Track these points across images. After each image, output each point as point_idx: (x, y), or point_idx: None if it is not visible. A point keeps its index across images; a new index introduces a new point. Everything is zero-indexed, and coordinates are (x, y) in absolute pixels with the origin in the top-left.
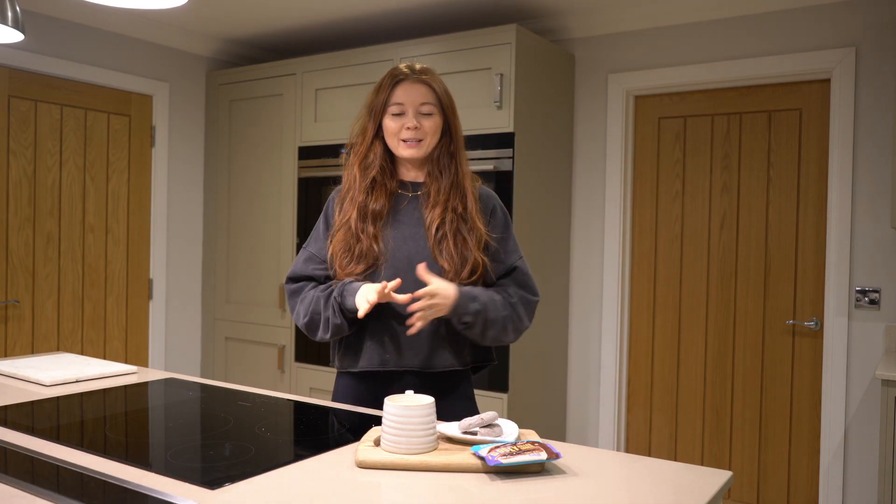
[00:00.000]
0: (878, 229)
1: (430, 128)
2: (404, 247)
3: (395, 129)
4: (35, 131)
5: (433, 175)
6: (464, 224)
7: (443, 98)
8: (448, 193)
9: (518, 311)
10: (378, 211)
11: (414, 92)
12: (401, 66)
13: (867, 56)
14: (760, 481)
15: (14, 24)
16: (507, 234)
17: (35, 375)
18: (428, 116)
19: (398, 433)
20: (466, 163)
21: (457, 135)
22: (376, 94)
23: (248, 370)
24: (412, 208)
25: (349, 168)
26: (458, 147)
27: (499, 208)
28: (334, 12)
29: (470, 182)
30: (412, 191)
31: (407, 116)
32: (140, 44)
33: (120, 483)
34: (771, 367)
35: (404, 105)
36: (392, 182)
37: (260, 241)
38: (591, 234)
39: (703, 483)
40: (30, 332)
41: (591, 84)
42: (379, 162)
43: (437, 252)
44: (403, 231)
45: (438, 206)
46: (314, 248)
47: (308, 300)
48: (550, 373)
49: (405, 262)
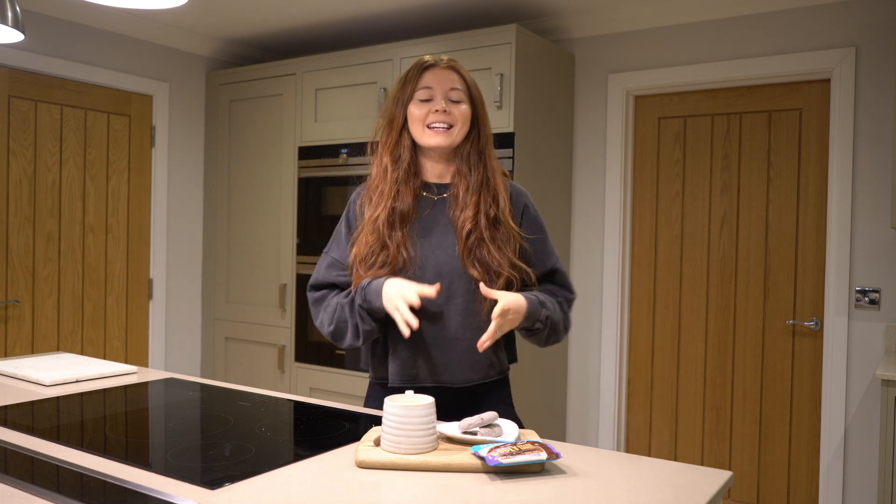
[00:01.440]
0: (878, 229)
1: (459, 115)
2: (432, 256)
3: (422, 115)
4: (35, 131)
5: (461, 173)
6: (497, 229)
7: (472, 88)
8: (478, 194)
9: (566, 311)
10: (405, 212)
11: (443, 77)
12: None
13: (867, 56)
14: (760, 481)
15: (14, 24)
16: (543, 233)
17: (35, 375)
18: (457, 104)
19: (398, 433)
20: (496, 159)
21: (485, 129)
22: (403, 84)
23: (248, 370)
24: (438, 213)
25: (377, 159)
26: (487, 143)
27: (531, 206)
28: (334, 12)
29: (501, 179)
30: (437, 193)
31: (436, 101)
32: (140, 44)
33: (120, 483)
34: (771, 367)
35: (433, 90)
36: (416, 181)
37: (260, 241)
38: (591, 234)
39: (703, 483)
40: (30, 332)
41: (591, 84)
42: (408, 154)
43: (467, 262)
44: (430, 239)
45: (469, 207)
46: (336, 254)
47: (332, 308)
48: (550, 373)
49: (432, 273)
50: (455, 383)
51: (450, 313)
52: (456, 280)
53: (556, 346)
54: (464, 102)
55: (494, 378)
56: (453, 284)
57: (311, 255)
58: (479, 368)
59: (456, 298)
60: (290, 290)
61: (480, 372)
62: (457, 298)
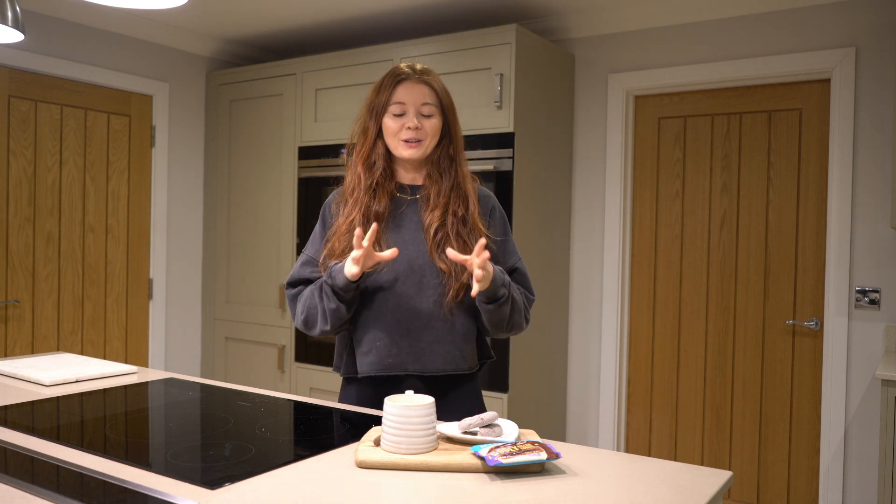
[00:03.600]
0: (878, 229)
1: (430, 129)
2: (405, 251)
3: (396, 128)
4: (35, 131)
5: (433, 177)
6: (464, 227)
7: (443, 99)
8: (448, 196)
9: (525, 305)
10: (380, 213)
11: (416, 92)
12: (401, 65)
13: (867, 56)
14: (760, 481)
15: (14, 24)
16: (506, 235)
17: (35, 375)
18: (428, 118)
19: (398, 433)
20: (466, 164)
21: (456, 137)
22: (377, 93)
23: (248, 370)
24: (411, 212)
25: (351, 168)
26: (458, 149)
27: (497, 209)
28: (334, 12)
29: (471, 184)
30: (411, 194)
31: (408, 116)
32: (140, 44)
33: (120, 483)
34: (771, 367)
35: (406, 105)
36: (391, 184)
37: (260, 241)
38: (591, 234)
39: (703, 483)
40: (30, 332)
41: (591, 84)
42: (382, 163)
43: (435, 256)
44: (403, 235)
45: (438, 208)
46: (311, 252)
47: (304, 297)
48: (550, 373)
49: (405, 267)
50: (426, 372)
51: (421, 305)
52: (427, 273)
53: (557, 345)
54: (434, 116)
55: (465, 371)
56: (424, 277)
57: None
58: (451, 360)
59: (427, 290)
60: None
61: (451, 363)
62: (428, 290)
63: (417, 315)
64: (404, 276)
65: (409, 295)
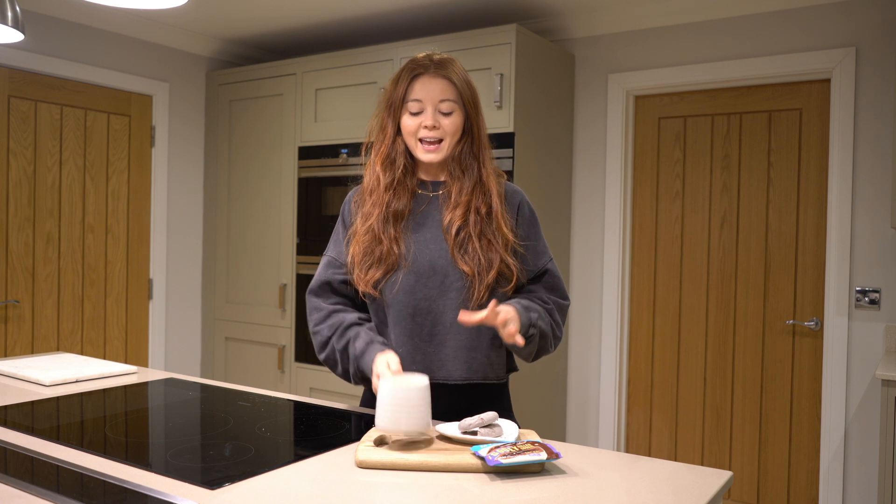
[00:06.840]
0: (878, 229)
1: (449, 127)
2: (426, 250)
3: (413, 128)
4: (35, 131)
5: (454, 175)
6: (488, 225)
7: (464, 93)
8: (471, 194)
9: (555, 318)
10: (400, 211)
11: (433, 87)
12: (419, 55)
13: (867, 56)
14: (760, 481)
15: (14, 24)
16: (536, 233)
17: (35, 375)
18: (447, 116)
19: (396, 409)
20: (491, 161)
21: (480, 133)
22: (394, 87)
23: (248, 370)
24: (432, 209)
25: (370, 167)
26: (482, 145)
27: (526, 205)
28: (334, 12)
29: (495, 180)
30: (432, 190)
31: (425, 114)
32: (140, 44)
33: (120, 483)
34: (771, 367)
35: (423, 102)
36: (412, 180)
37: (260, 241)
38: (591, 234)
39: (703, 483)
40: (30, 332)
41: (591, 84)
42: (402, 160)
43: (457, 256)
44: (424, 234)
45: (460, 206)
46: (333, 252)
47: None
48: (550, 373)
49: (426, 267)
50: (450, 380)
51: (445, 307)
52: (450, 274)
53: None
54: (454, 112)
55: (493, 381)
56: (447, 278)
57: (312, 255)
58: (477, 367)
59: (450, 293)
60: (290, 290)
61: (479, 371)
62: (451, 293)
63: (440, 319)
64: (426, 278)
65: (431, 297)
